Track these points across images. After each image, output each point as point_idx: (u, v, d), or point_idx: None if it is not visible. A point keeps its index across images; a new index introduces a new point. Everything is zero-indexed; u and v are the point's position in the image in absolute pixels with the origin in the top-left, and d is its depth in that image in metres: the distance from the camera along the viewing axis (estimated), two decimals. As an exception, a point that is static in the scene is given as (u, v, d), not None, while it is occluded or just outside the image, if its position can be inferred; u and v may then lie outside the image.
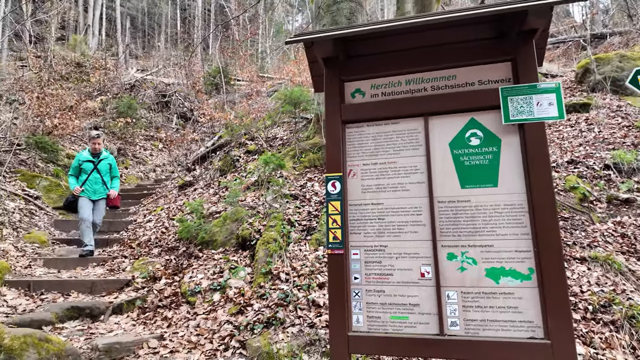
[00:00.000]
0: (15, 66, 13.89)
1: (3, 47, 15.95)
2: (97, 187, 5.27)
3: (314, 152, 6.05)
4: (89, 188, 5.21)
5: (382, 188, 2.41)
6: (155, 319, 3.68)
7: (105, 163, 5.40)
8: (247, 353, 3.00)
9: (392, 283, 2.31)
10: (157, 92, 14.07)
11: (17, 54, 16.16)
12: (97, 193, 5.27)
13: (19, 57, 15.48)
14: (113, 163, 5.50)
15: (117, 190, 5.50)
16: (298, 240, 4.35)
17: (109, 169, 5.43)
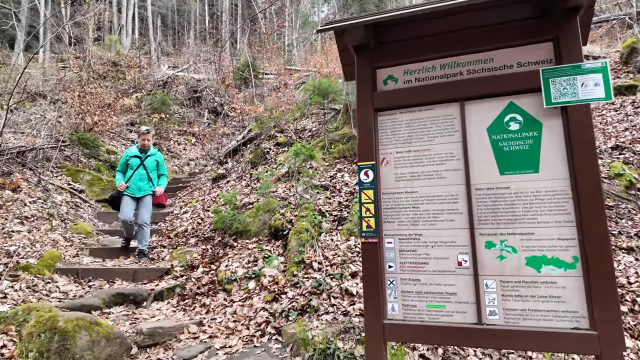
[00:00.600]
0: (57, 67, 14.65)
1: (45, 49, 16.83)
2: (142, 184, 5.03)
3: (343, 142, 6.03)
4: (133, 185, 4.98)
5: (416, 176, 2.38)
6: (194, 305, 3.83)
7: (153, 160, 5.14)
8: (283, 339, 3.08)
9: (427, 272, 2.28)
10: (189, 87, 14.43)
11: (58, 55, 17.03)
12: (142, 190, 5.03)
13: (60, 58, 16.30)
14: (161, 160, 5.25)
15: (164, 188, 5.27)
16: (329, 230, 4.38)
17: (156, 165, 5.18)
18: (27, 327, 2.78)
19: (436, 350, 2.76)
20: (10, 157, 6.08)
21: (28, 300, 3.37)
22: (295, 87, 11.37)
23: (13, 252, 4.03)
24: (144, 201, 5.03)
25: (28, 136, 7.25)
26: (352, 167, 5.60)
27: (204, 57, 17.11)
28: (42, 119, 8.64)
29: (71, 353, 2.76)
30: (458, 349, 2.81)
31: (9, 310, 2.88)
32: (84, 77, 10.26)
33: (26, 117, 8.94)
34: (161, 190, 5.19)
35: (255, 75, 13.11)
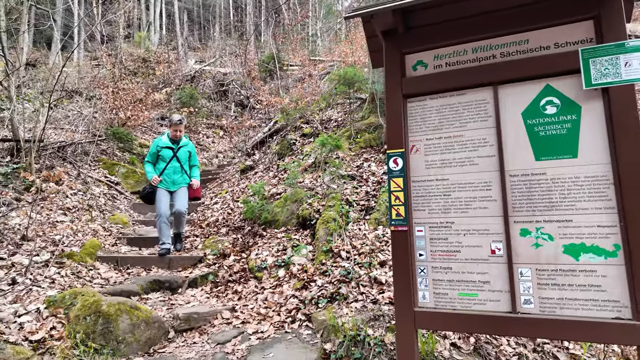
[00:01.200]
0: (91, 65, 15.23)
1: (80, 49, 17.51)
2: (177, 177, 4.73)
3: (370, 132, 5.98)
4: (167, 178, 4.69)
5: (448, 163, 2.34)
6: (226, 292, 3.95)
7: (185, 151, 4.82)
8: (313, 325, 3.13)
9: (459, 260, 2.26)
10: (216, 81, 14.67)
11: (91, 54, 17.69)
12: (176, 184, 4.75)
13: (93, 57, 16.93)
14: (193, 151, 4.95)
15: (199, 179, 5.03)
16: (357, 220, 4.38)
17: (188, 157, 4.87)
18: (73, 310, 2.96)
19: (468, 339, 2.74)
20: (52, 151, 6.42)
21: (73, 285, 3.58)
22: (320, 77, 11.34)
23: (58, 240, 4.29)
24: (179, 192, 4.78)
25: (67, 132, 7.62)
26: (379, 156, 5.56)
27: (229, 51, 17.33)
28: (79, 115, 9.04)
29: (114, 335, 2.93)
30: (491, 338, 2.77)
31: (57, 294, 3.08)
32: (116, 74, 10.63)
33: (64, 113, 9.37)
34: (198, 183, 4.94)
35: (280, 67, 13.16)
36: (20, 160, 5.54)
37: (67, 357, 2.66)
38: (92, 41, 17.96)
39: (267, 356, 2.71)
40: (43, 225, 4.50)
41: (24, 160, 5.48)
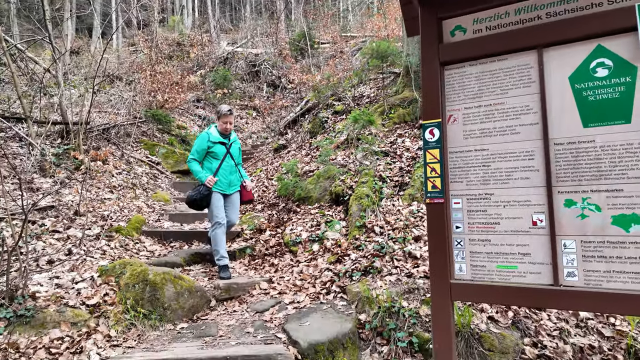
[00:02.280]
0: (129, 51, 15.74)
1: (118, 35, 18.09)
2: (233, 178, 4.01)
3: (404, 107, 5.84)
4: (224, 179, 3.92)
5: (487, 132, 2.26)
6: (263, 265, 4.09)
7: (236, 147, 4.12)
8: (348, 297, 3.19)
9: (498, 232, 2.20)
10: (248, 62, 14.77)
11: (129, 39, 18.25)
12: (232, 185, 4.01)
13: (131, 42, 17.46)
14: (240, 146, 4.27)
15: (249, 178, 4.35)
16: (390, 196, 4.35)
17: (240, 152, 4.22)
18: (123, 279, 3.18)
19: (506, 313, 2.69)
20: (98, 133, 6.78)
21: (122, 256, 3.84)
22: (352, 54, 11.12)
23: (107, 216, 4.58)
24: (234, 198, 4.03)
25: (110, 114, 7.98)
26: (413, 131, 5.44)
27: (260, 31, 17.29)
28: (120, 98, 9.42)
29: (160, 302, 3.12)
30: (530, 312, 2.71)
31: (108, 264, 3.31)
32: (152, 58, 10.93)
33: (107, 97, 9.80)
34: (252, 184, 4.29)
35: (311, 45, 13.00)
36: (70, 142, 5.90)
37: (120, 320, 2.88)
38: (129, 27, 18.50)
39: (304, 324, 2.80)
40: (93, 202, 4.81)
41: (73, 141, 5.83)
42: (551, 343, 2.43)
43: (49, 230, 3.82)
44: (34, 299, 2.71)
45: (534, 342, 2.48)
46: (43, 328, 2.57)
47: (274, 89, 14.07)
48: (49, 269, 3.18)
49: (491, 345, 2.44)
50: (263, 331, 2.84)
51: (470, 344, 2.45)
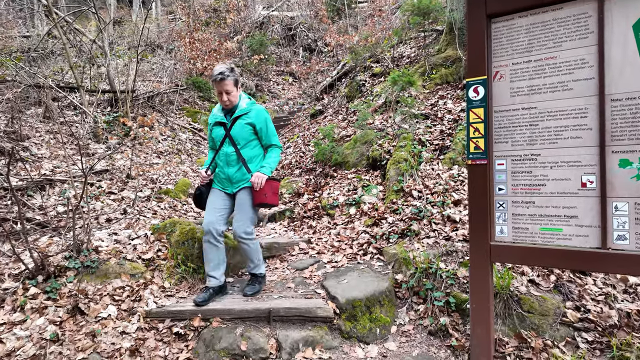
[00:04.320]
0: (167, 19, 15.93)
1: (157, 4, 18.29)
2: (231, 171, 2.80)
3: (446, 66, 5.57)
4: (220, 173, 2.86)
5: (537, 90, 2.13)
6: (302, 226, 4.22)
7: (244, 124, 2.77)
8: (384, 258, 3.25)
9: (544, 194, 2.13)
10: (283, 26, 14.53)
11: (167, 8, 18.42)
12: (234, 182, 2.83)
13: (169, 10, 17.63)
14: (262, 121, 2.83)
15: (271, 170, 2.83)
16: (430, 160, 4.27)
17: (251, 132, 2.81)
18: (174, 236, 3.42)
19: (548, 277, 2.64)
20: (143, 101, 7.07)
21: (171, 216, 4.10)
22: (391, 12, 10.60)
23: (155, 179, 4.86)
24: (239, 200, 2.84)
25: (153, 83, 8.26)
26: (456, 92, 5.21)
27: (295, -8, 16.79)
28: (162, 67, 9.68)
29: (208, 258, 3.33)
30: (574, 277, 2.64)
31: (159, 223, 3.56)
32: (190, 25, 11.02)
33: (149, 66, 10.10)
34: (262, 179, 2.73)
35: (348, 4, 12.51)
36: (119, 110, 6.21)
37: (172, 273, 3.13)
38: (167, -6, 18.58)
39: (342, 282, 2.91)
40: (142, 166, 5.11)
41: (122, 109, 6.13)
42: (595, 307, 2.37)
43: (105, 192, 4.14)
44: (97, 253, 3.00)
45: (576, 305, 2.43)
46: (106, 278, 2.86)
47: (310, 53, 13.83)
48: (107, 227, 3.48)
49: (530, 307, 2.43)
50: (303, 287, 2.98)
51: (509, 306, 2.45)
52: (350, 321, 2.61)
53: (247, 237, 2.83)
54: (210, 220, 2.78)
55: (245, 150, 2.81)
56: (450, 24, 5.72)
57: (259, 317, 2.60)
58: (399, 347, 2.48)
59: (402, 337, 2.57)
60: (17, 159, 4.05)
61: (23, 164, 4.05)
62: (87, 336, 2.42)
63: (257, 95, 11.71)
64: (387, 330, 2.63)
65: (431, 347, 2.45)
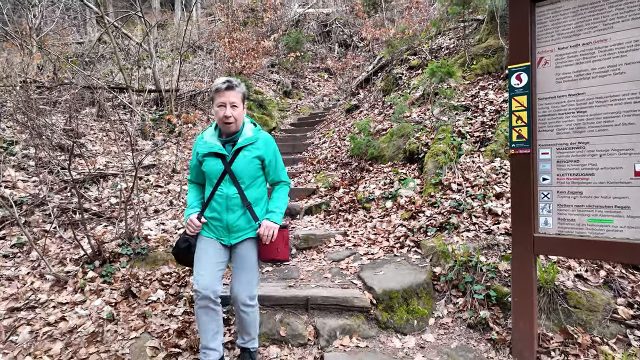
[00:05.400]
0: (207, 20, 16.47)
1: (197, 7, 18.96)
2: (232, 218, 2.13)
3: (487, 56, 5.38)
4: (217, 219, 2.15)
5: (585, 75, 2.04)
6: (338, 219, 4.26)
7: (251, 157, 2.12)
8: (422, 251, 3.22)
9: (592, 184, 2.04)
10: (319, 23, 14.60)
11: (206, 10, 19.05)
12: (234, 231, 2.15)
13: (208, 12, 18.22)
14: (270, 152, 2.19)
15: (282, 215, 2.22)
16: (470, 152, 4.16)
17: (259, 168, 2.18)
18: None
19: (597, 272, 2.51)
20: (186, 100, 7.38)
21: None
22: (429, 3, 10.35)
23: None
24: (241, 253, 2.18)
25: (195, 82, 8.59)
26: (498, 83, 5.02)
27: (331, -12, 16.79)
28: (202, 67, 10.04)
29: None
30: (626, 272, 2.49)
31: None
32: (229, 25, 11.34)
33: (191, 67, 10.52)
34: (273, 230, 2.14)
35: (384, -3, 12.34)
36: (164, 108, 6.53)
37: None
38: (206, -3, 19.18)
39: (378, 273, 2.92)
40: (186, 161, 5.35)
41: (166, 107, 6.45)
42: (651, 305, 2.23)
43: (153, 185, 4.39)
44: (147, 241, 3.20)
45: (629, 302, 2.29)
46: (155, 264, 3.04)
47: (345, 48, 13.80)
48: (155, 217, 3.70)
49: (577, 303, 2.32)
50: (339, 277, 3.02)
51: (554, 300, 2.36)
52: (387, 312, 2.62)
53: (251, 303, 2.16)
54: (208, 280, 2.06)
55: (250, 191, 2.13)
56: (492, 12, 5.51)
57: (297, 304, 2.67)
58: (437, 338, 2.47)
59: (440, 330, 2.55)
60: (75, 155, 4.39)
61: (81, 159, 4.38)
62: (139, 317, 2.60)
63: (294, 92, 11.86)
64: (425, 322, 2.62)
65: (470, 340, 2.41)
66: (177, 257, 2.22)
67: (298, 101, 11.54)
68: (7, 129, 4.43)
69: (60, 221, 3.41)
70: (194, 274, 2.13)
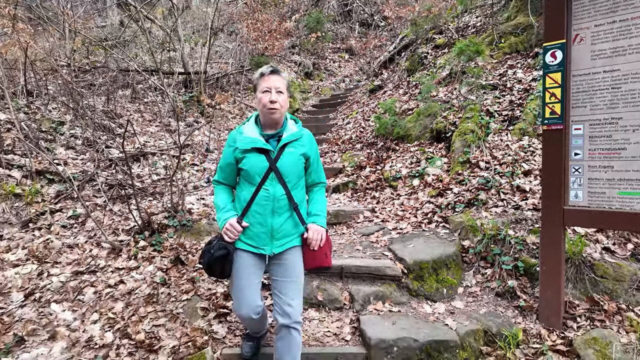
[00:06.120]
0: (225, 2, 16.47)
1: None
2: (278, 221, 1.91)
3: (516, 34, 5.31)
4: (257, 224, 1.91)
5: (621, 51, 2.09)
6: (365, 197, 4.41)
7: (297, 154, 1.92)
8: (450, 226, 3.35)
9: (624, 158, 2.11)
10: (339, 2, 14.41)
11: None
12: (278, 237, 1.92)
13: (228, -7, 18.17)
14: (313, 149, 2.02)
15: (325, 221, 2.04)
16: (498, 131, 4.20)
17: (303, 167, 1.98)
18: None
19: (625, 245, 2.59)
20: (212, 82, 7.56)
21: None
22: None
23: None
24: (286, 264, 1.96)
25: (220, 64, 8.75)
26: (526, 61, 4.98)
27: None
28: (226, 49, 10.17)
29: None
30: (655, 245, 2.57)
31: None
32: (252, 5, 11.36)
33: (213, 49, 10.66)
34: (322, 234, 1.97)
35: (407, -25, 12.08)
36: (192, 90, 6.73)
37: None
38: (226, -23, 19.11)
39: (408, 246, 3.07)
40: (217, 141, 5.57)
41: (195, 89, 6.64)
42: (677, 276, 2.32)
43: (189, 164, 4.62)
44: (190, 214, 3.43)
45: (656, 273, 2.39)
46: (199, 235, 3.28)
47: (367, 28, 13.64)
48: (195, 193, 3.93)
49: (604, 273, 2.42)
50: (370, 250, 3.19)
51: (581, 271, 2.46)
52: (418, 281, 2.78)
53: (300, 321, 1.91)
54: (251, 299, 1.92)
55: (296, 192, 1.94)
56: (522, -12, 5.41)
57: (332, 273, 2.86)
58: (466, 305, 2.62)
59: (469, 297, 2.70)
60: (116, 135, 4.65)
61: (121, 138, 4.64)
62: (189, 282, 2.85)
63: (314, 73, 11.87)
64: (454, 290, 2.77)
65: (498, 307, 2.55)
66: (210, 268, 1.92)
67: (319, 82, 11.57)
68: (52, 111, 4.71)
69: (109, 195, 3.67)
70: (235, 297, 1.93)
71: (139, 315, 2.54)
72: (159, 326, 2.47)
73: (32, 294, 2.64)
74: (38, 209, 3.36)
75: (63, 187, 3.60)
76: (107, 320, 2.50)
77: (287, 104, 1.93)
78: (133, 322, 2.48)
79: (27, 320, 2.44)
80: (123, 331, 2.42)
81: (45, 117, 4.37)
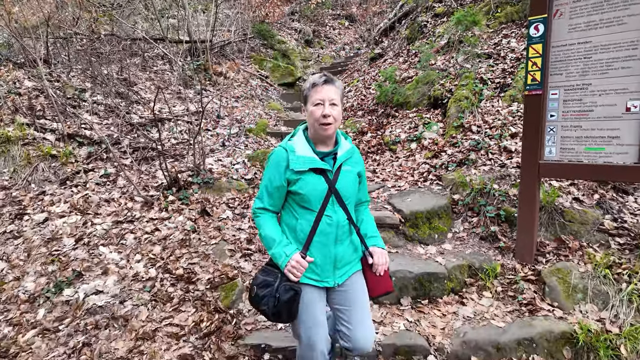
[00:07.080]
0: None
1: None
2: (341, 249, 1.73)
3: (512, 4, 5.52)
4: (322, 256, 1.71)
5: (592, 25, 2.41)
6: (367, 160, 4.79)
7: (355, 175, 1.76)
8: (443, 183, 3.75)
9: (590, 118, 2.48)
10: (340, -34, 14.17)
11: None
12: (340, 265, 1.76)
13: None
14: (362, 166, 1.83)
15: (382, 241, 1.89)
16: (490, 97, 4.53)
17: (357, 184, 1.80)
18: (265, 163, 4.15)
19: (592, 196, 3.01)
20: (217, 50, 7.73)
21: (258, 148, 4.85)
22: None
23: (239, 119, 5.61)
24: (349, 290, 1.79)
25: (223, 32, 8.85)
26: (520, 31, 5.23)
27: None
28: (226, 16, 10.20)
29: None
30: (616, 195, 2.99)
31: (252, 153, 4.30)
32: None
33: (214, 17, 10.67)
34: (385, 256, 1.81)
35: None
36: (198, 59, 6.93)
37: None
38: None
39: (405, 200, 3.49)
40: (226, 109, 5.87)
41: (202, 57, 6.84)
42: (632, 219, 2.74)
43: (203, 129, 4.95)
44: (211, 173, 3.81)
45: (614, 218, 2.81)
46: (220, 191, 3.67)
47: (367, -6, 13.54)
48: (212, 155, 4.29)
49: (572, 218, 2.85)
50: (372, 203, 3.60)
51: (552, 217, 2.89)
52: (413, 228, 3.22)
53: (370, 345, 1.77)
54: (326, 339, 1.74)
55: (353, 215, 1.79)
56: (520, -42, 5.56)
57: (340, 222, 3.28)
58: (454, 247, 3.07)
59: (456, 241, 3.14)
60: (133, 101, 4.94)
61: (138, 105, 4.94)
62: (215, 229, 3.27)
63: (315, 41, 11.92)
64: (444, 236, 3.21)
65: (482, 248, 3.00)
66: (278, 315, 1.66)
67: (320, 50, 11.65)
68: (72, 78, 4.97)
69: (135, 157, 4.04)
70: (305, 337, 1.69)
71: (175, 255, 2.98)
72: (194, 264, 2.91)
73: (80, 239, 3.06)
74: (73, 169, 3.73)
75: (93, 149, 3.96)
76: (148, 259, 2.94)
77: (340, 117, 1.71)
78: (171, 261, 2.92)
79: (81, 259, 2.87)
80: (164, 268, 2.86)
81: (68, 85, 4.65)
